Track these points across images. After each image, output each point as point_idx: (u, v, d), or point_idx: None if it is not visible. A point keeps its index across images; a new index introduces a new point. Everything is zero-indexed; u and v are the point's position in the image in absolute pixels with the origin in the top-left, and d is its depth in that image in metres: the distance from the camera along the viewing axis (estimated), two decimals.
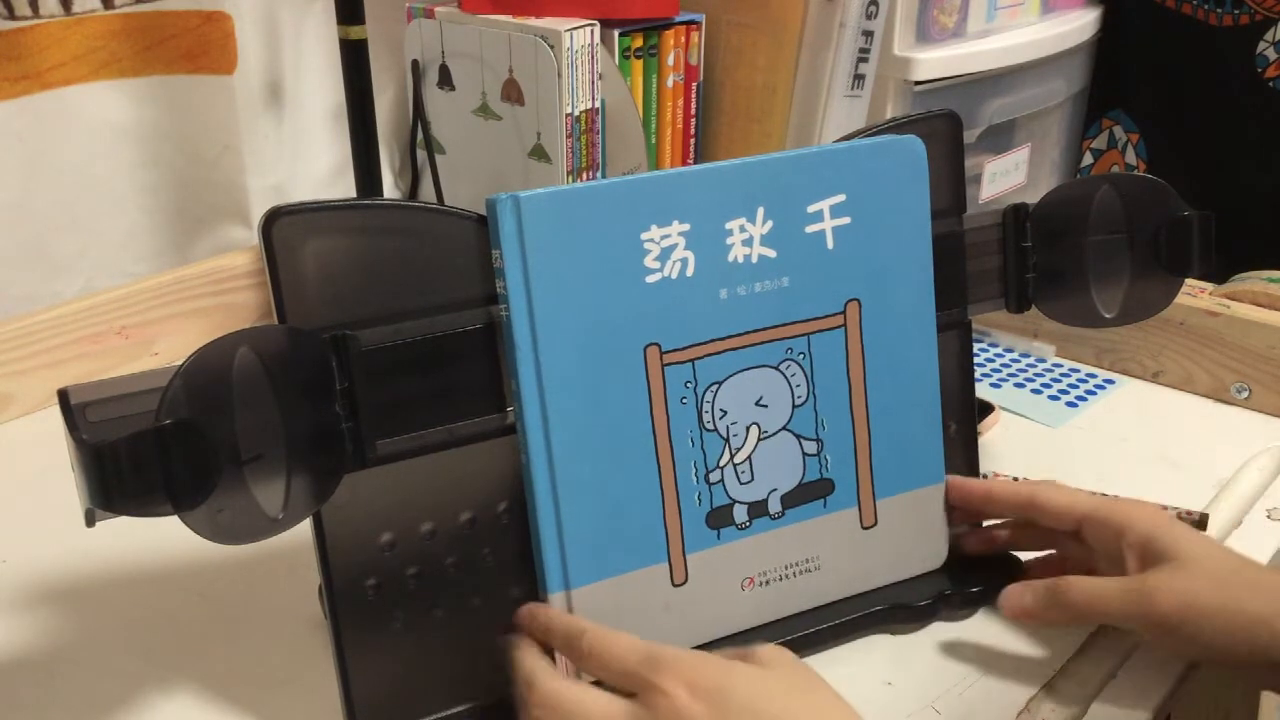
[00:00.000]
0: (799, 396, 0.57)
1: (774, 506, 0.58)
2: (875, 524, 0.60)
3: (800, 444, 0.58)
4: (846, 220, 0.57)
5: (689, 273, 0.54)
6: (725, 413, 0.56)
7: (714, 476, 0.56)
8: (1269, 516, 0.69)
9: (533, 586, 0.54)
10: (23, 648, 0.60)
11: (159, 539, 0.59)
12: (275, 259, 0.47)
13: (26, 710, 0.55)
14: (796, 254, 0.56)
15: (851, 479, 0.59)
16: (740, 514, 0.57)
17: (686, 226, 0.53)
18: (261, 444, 0.46)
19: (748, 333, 0.56)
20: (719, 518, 0.56)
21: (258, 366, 0.46)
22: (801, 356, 0.57)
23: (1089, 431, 0.80)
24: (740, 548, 0.57)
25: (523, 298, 0.51)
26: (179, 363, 0.44)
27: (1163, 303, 0.65)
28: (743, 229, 0.55)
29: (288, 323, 0.48)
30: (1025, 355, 0.90)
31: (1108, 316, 0.65)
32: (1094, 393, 0.85)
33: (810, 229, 0.56)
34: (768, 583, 0.58)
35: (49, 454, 0.53)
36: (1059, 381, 0.86)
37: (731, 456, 0.56)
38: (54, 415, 0.45)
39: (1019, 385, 0.86)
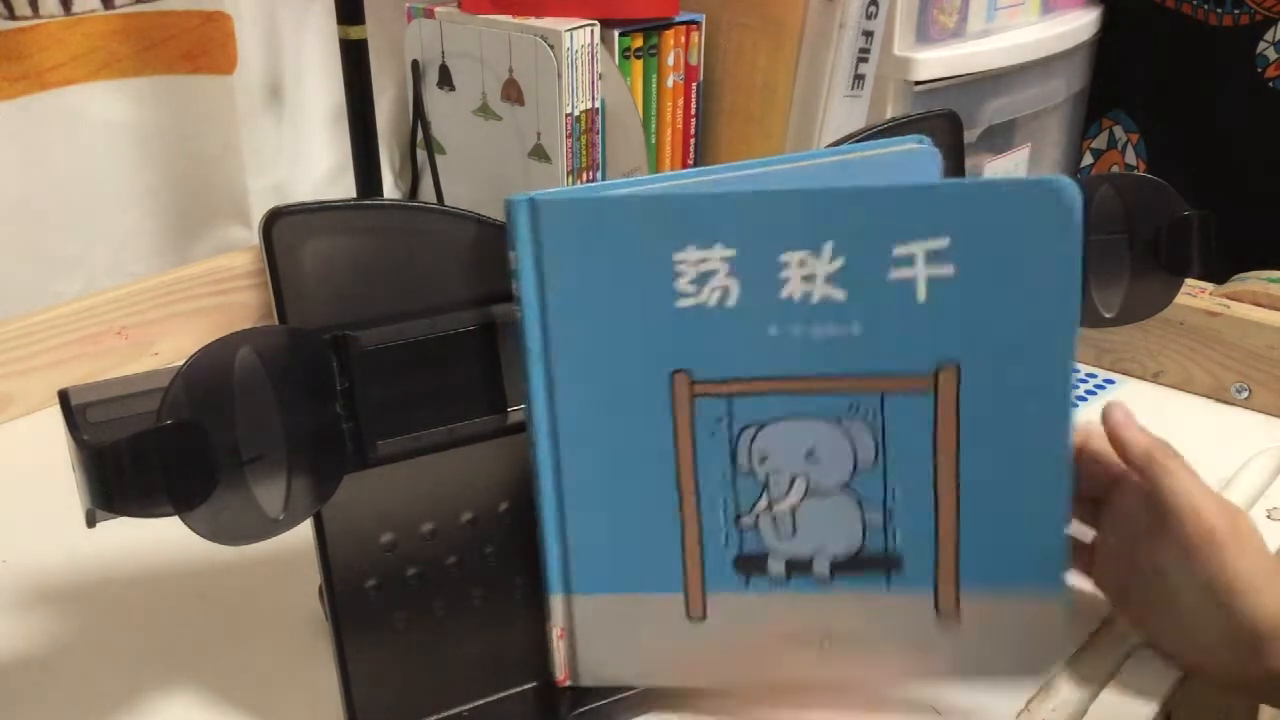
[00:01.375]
0: (864, 460, 0.51)
1: (820, 568, 0.52)
2: (956, 617, 0.52)
3: (861, 510, 0.52)
4: (948, 270, 0.48)
5: (730, 302, 0.49)
6: (766, 458, 0.51)
7: (746, 521, 0.52)
8: (1269, 516, 0.69)
9: (534, 586, 0.54)
10: (23, 647, 0.60)
11: (159, 539, 0.58)
12: (275, 259, 0.47)
13: (27, 710, 0.55)
14: (873, 300, 0.49)
15: (928, 561, 0.52)
16: (776, 566, 0.52)
17: (731, 252, 0.49)
18: (262, 444, 0.46)
19: (802, 378, 0.50)
20: (749, 564, 0.52)
21: (258, 367, 0.46)
22: (871, 415, 0.50)
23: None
24: (774, 602, 0.53)
25: (535, 301, 0.50)
26: (179, 363, 0.44)
27: (1163, 303, 0.65)
28: (803, 263, 0.49)
29: (288, 323, 0.48)
30: None
31: (1108, 316, 0.65)
32: (1094, 393, 0.85)
33: (895, 275, 0.49)
34: (808, 643, 0.53)
35: (49, 454, 0.53)
36: None
37: (770, 505, 0.52)
38: (54, 415, 0.45)
39: None
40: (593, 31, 0.96)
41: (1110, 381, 0.86)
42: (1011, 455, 0.50)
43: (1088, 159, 1.34)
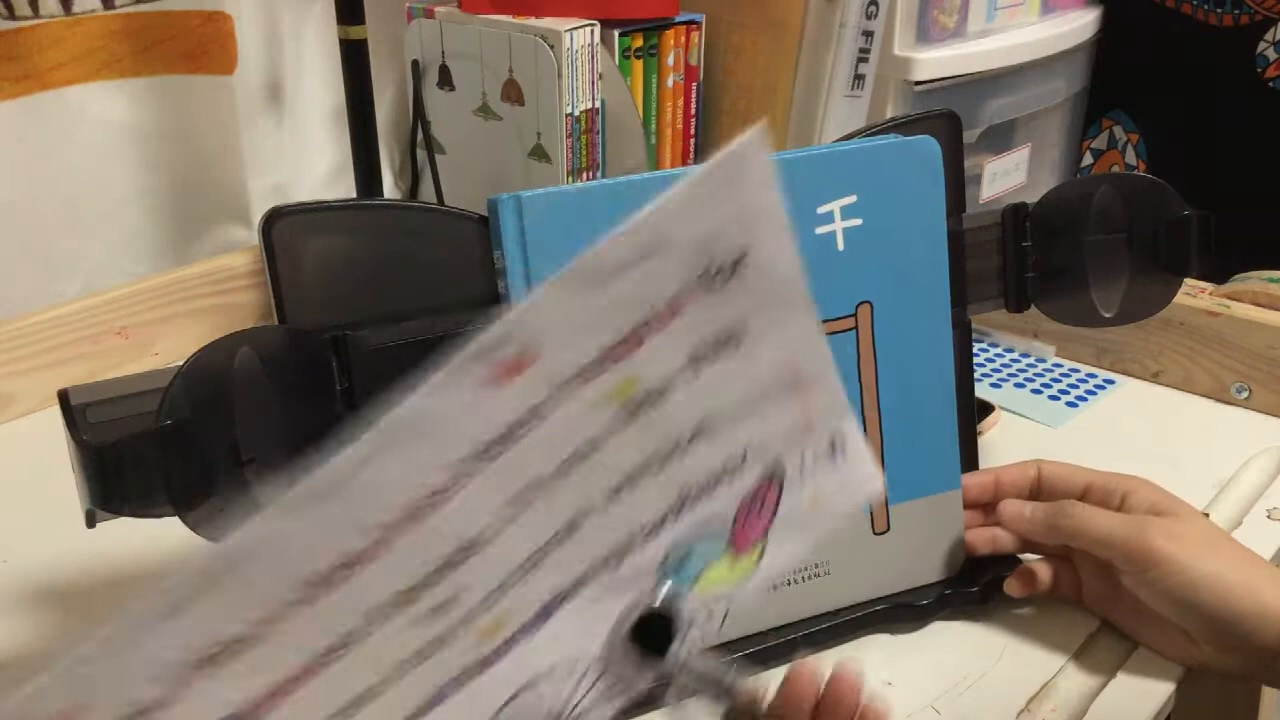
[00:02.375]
0: None
1: None
2: (888, 530, 0.59)
3: None
4: (858, 222, 0.56)
5: None
6: None
7: None
8: (1269, 516, 0.69)
9: None
10: (23, 648, 0.60)
11: (159, 539, 0.58)
12: (275, 259, 0.47)
13: None
14: (805, 256, 0.55)
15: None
16: None
17: None
18: (262, 444, 0.46)
19: None
20: None
21: (258, 367, 0.46)
22: None
23: (1089, 431, 0.80)
24: None
25: (525, 298, 0.50)
26: (179, 363, 0.44)
27: (1162, 302, 0.65)
28: None
29: (288, 323, 0.48)
30: (1025, 355, 0.90)
31: (1107, 316, 0.65)
32: (1094, 393, 0.85)
33: (820, 230, 0.56)
34: (775, 587, 0.57)
35: (49, 454, 0.53)
36: (1059, 381, 0.86)
37: None
38: (54, 415, 0.45)
39: (1019, 385, 0.86)
40: (593, 31, 0.96)
41: (1110, 381, 0.86)
42: (911, 375, 0.58)
43: (1088, 159, 1.34)
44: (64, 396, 0.45)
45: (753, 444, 0.44)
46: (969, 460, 0.64)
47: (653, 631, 0.41)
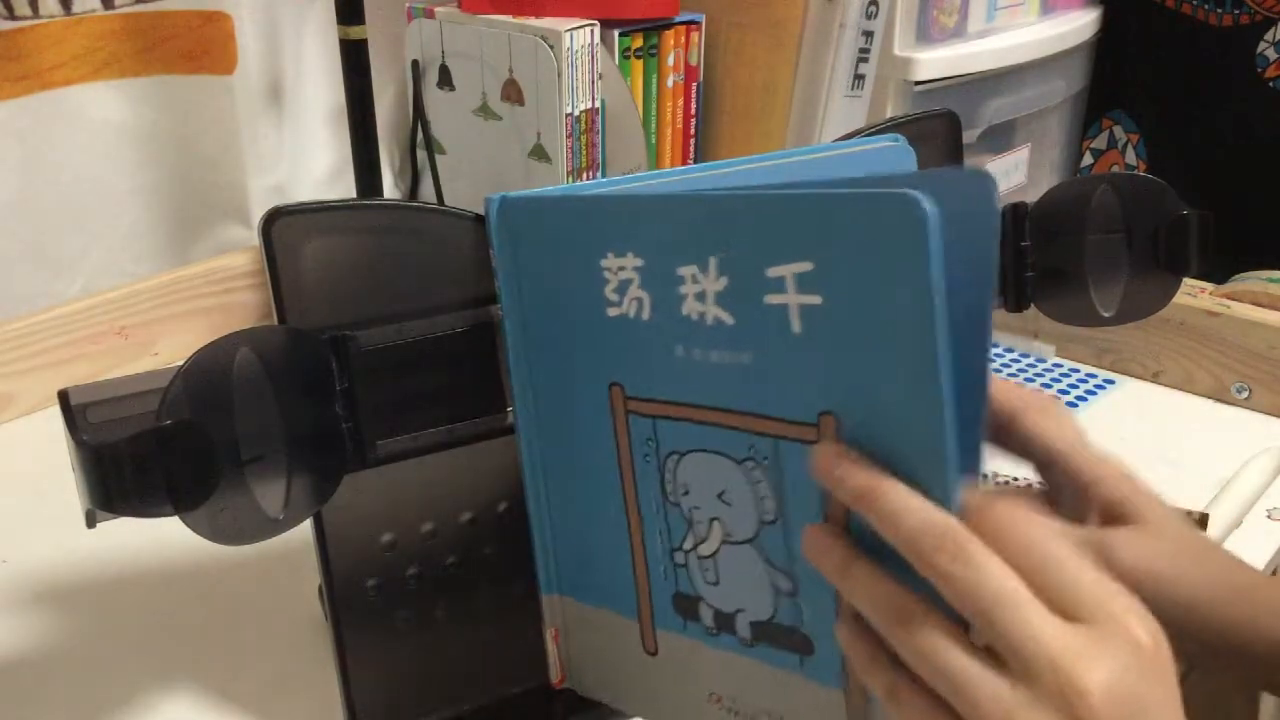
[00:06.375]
0: (766, 512, 0.43)
1: (742, 630, 0.46)
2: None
3: (770, 573, 0.44)
4: (815, 300, 0.38)
5: (645, 315, 0.45)
6: (688, 492, 0.46)
7: (679, 558, 0.48)
8: (1269, 516, 0.69)
9: (533, 585, 0.54)
10: (23, 648, 0.60)
11: (159, 539, 0.58)
12: (275, 259, 0.47)
13: (27, 710, 0.55)
14: (756, 328, 0.41)
15: (835, 651, 0.41)
16: (707, 616, 0.48)
17: (640, 261, 0.44)
18: (262, 444, 0.46)
19: (709, 408, 0.44)
20: (685, 606, 0.48)
21: (258, 367, 0.46)
22: (767, 462, 0.43)
23: (1089, 431, 0.80)
24: (708, 655, 0.48)
25: (513, 300, 0.50)
26: (179, 363, 0.44)
27: (1161, 302, 0.65)
28: (695, 279, 0.42)
29: (288, 323, 0.48)
30: (1025, 355, 0.90)
31: (1106, 316, 0.65)
32: (1094, 393, 0.85)
33: (770, 300, 0.40)
34: (738, 713, 0.48)
35: (49, 454, 0.53)
36: (1059, 381, 0.86)
37: (695, 545, 0.47)
38: (54, 415, 0.45)
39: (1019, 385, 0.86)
40: (593, 31, 0.96)
41: (1110, 381, 0.86)
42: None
43: (1088, 159, 1.34)
44: (64, 396, 0.45)
45: None
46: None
47: None
